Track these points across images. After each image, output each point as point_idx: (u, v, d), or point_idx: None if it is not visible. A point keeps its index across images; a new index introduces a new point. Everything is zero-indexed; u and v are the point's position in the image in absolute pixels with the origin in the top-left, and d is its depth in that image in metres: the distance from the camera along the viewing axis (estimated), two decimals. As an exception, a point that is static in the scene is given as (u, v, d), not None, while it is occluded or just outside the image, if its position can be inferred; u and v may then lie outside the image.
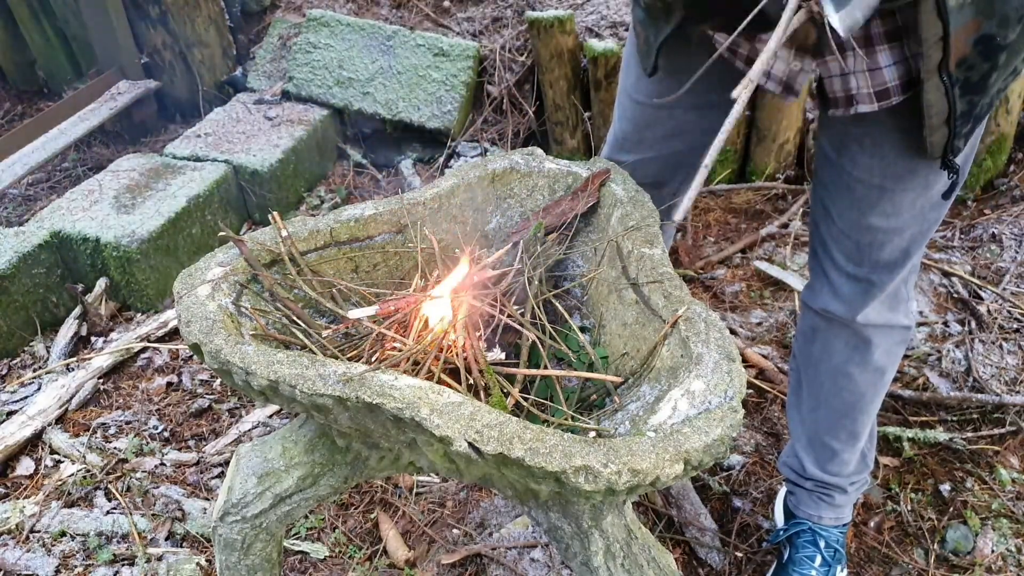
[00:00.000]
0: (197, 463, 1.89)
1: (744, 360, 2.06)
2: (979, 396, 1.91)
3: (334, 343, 1.12)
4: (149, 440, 1.96)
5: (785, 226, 2.60)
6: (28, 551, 1.68)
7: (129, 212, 2.41)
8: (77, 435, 1.97)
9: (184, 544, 1.71)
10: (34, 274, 2.26)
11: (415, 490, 1.81)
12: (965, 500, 1.73)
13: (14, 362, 2.22)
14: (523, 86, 2.97)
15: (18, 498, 1.81)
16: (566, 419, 1.04)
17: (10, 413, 2.03)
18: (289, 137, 2.85)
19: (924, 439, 1.85)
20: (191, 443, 1.96)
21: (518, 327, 1.15)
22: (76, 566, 1.66)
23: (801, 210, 2.67)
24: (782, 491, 1.71)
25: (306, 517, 1.74)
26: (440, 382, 1.03)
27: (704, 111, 1.26)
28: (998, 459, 1.81)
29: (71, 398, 2.05)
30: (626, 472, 0.81)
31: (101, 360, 2.16)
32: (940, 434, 1.85)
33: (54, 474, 1.87)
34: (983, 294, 2.21)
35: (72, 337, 2.26)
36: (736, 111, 0.83)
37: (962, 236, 2.48)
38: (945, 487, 1.76)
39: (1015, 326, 2.09)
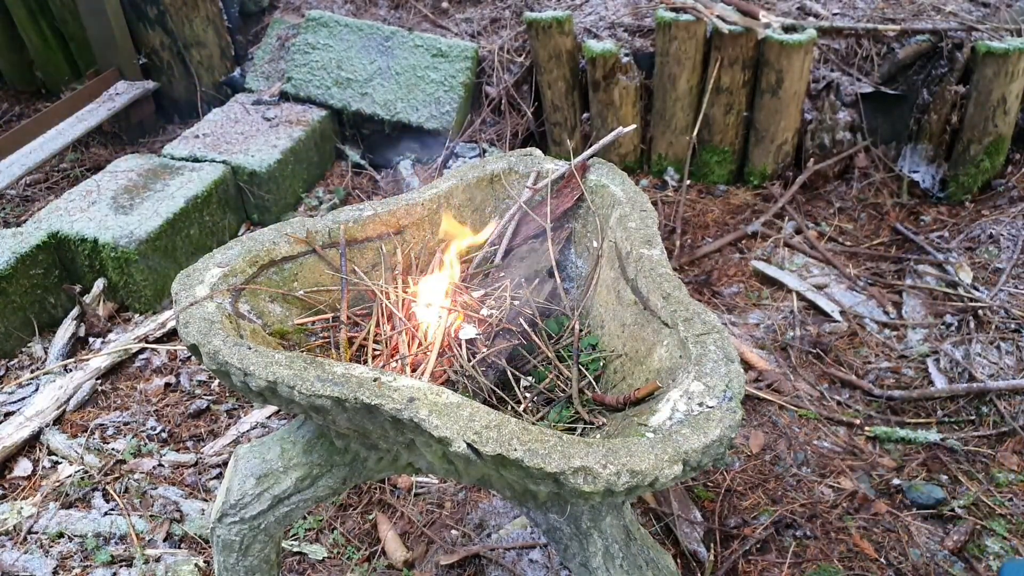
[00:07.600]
0: (195, 464, 1.89)
1: (742, 361, 2.06)
2: (963, 385, 1.92)
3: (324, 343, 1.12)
4: (147, 441, 1.95)
5: (773, 224, 2.60)
6: (26, 552, 1.68)
7: (127, 213, 2.40)
8: (75, 436, 1.97)
9: (182, 545, 1.71)
10: (32, 275, 2.25)
11: (414, 491, 1.81)
12: (962, 501, 1.73)
13: (12, 363, 2.21)
14: (521, 87, 2.97)
15: (16, 499, 1.81)
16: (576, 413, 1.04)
17: (8, 414, 2.03)
18: (287, 138, 2.84)
19: (920, 439, 1.85)
20: (189, 444, 1.96)
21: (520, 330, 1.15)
22: (74, 567, 1.65)
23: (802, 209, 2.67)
24: None
25: (304, 518, 1.73)
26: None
27: None
28: (995, 460, 1.81)
29: (69, 399, 2.05)
30: (625, 473, 0.81)
31: (99, 361, 2.16)
32: (935, 434, 1.86)
33: (52, 475, 1.86)
34: (981, 294, 2.22)
35: (70, 338, 2.25)
36: None
37: (960, 236, 2.48)
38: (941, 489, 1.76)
39: (1013, 326, 2.10)
